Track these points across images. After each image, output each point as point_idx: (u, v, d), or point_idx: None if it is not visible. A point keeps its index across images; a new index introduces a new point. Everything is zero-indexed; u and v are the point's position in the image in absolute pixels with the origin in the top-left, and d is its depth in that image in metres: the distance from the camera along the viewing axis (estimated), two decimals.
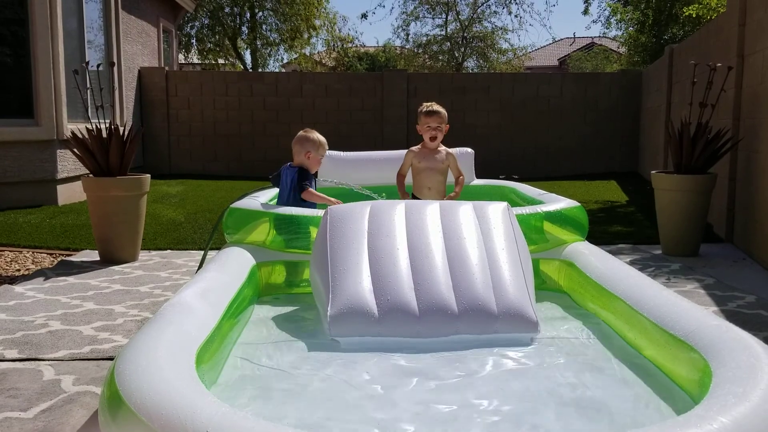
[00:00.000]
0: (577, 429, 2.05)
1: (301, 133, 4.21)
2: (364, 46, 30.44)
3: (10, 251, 5.65)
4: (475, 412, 2.16)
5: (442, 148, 4.59)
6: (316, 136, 4.18)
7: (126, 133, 5.35)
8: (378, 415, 2.13)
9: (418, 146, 4.58)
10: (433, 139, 4.42)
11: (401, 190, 4.56)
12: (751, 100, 5.64)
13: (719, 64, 5.68)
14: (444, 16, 26.88)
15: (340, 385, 2.37)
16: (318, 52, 27.14)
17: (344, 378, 2.42)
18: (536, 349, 2.71)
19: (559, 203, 3.94)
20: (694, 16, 12.76)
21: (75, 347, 3.28)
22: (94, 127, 5.27)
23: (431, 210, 3.31)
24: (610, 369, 2.51)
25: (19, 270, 5.05)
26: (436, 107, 4.43)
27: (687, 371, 2.25)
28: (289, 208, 3.82)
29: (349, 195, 4.53)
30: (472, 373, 2.46)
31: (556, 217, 3.77)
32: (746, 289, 4.39)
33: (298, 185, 4.05)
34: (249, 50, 24.34)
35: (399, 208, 3.27)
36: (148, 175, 5.45)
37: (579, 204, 3.95)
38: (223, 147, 13.00)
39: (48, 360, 3.12)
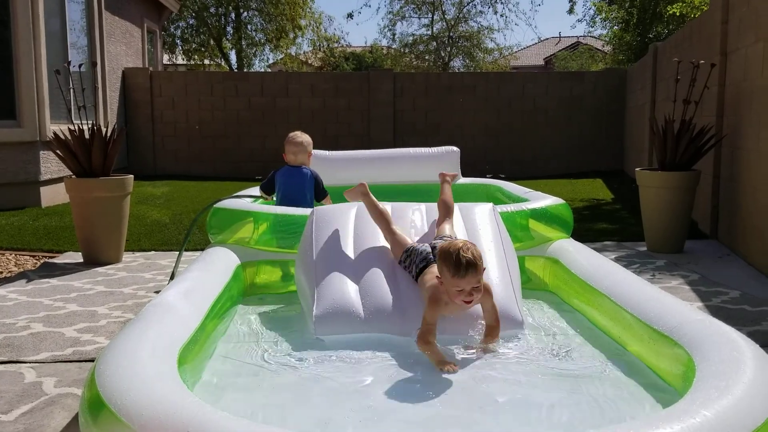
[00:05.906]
0: (564, 424, 2.05)
1: (297, 138, 4.36)
2: (351, 46, 30.41)
3: None
4: (459, 409, 2.15)
5: None
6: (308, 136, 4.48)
7: (108, 133, 5.31)
8: (363, 412, 2.12)
9: (442, 288, 2.65)
10: (468, 303, 2.62)
11: (436, 357, 2.53)
12: (734, 97, 5.68)
13: (702, 62, 5.71)
14: (430, 15, 26.95)
15: (325, 383, 2.35)
16: (304, 52, 27.07)
17: (329, 377, 2.40)
18: (521, 347, 2.71)
19: (544, 201, 3.95)
20: (678, 14, 12.84)
21: (57, 349, 3.24)
22: (76, 127, 5.22)
23: (416, 211, 3.32)
24: (595, 365, 2.51)
25: (1, 272, 5.00)
26: (471, 254, 2.56)
27: (671, 366, 2.26)
28: (275, 207, 3.82)
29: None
30: (457, 371, 2.45)
31: (541, 215, 3.78)
32: (731, 284, 4.41)
33: (321, 192, 4.34)
34: (234, 50, 24.24)
35: (385, 209, 3.26)
36: (131, 176, 5.41)
37: (564, 201, 3.97)
38: (208, 148, 12.93)
39: (29, 362, 3.08)
